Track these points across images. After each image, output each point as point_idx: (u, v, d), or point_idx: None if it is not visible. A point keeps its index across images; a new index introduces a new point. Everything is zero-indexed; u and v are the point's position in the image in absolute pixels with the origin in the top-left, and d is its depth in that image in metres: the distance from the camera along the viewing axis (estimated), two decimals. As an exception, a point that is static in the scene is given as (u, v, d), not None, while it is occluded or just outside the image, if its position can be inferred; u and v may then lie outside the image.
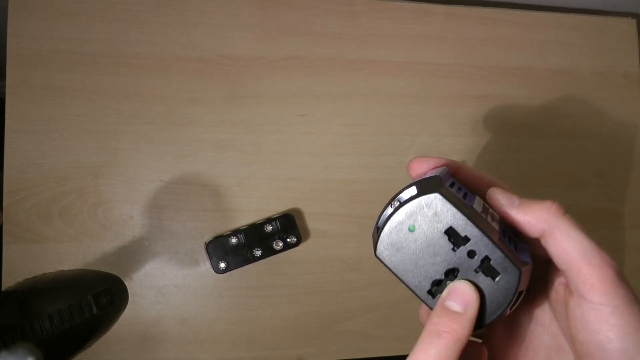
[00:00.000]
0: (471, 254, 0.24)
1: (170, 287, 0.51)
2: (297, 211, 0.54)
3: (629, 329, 0.22)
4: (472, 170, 0.31)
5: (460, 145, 0.58)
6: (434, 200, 0.25)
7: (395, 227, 0.25)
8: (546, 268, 0.27)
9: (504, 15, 0.62)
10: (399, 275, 0.26)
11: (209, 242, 0.49)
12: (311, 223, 0.54)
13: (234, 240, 0.49)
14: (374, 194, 0.56)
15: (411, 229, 0.25)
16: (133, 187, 0.51)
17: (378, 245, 0.26)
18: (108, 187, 0.50)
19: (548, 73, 0.62)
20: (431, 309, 0.25)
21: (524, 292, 0.25)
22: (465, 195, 0.27)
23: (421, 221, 0.25)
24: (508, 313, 0.25)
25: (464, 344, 0.23)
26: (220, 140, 0.53)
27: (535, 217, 0.25)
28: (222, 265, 0.49)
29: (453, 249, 0.25)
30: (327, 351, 0.53)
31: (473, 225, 0.24)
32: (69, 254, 0.49)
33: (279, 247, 0.50)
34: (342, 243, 0.54)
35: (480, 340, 0.30)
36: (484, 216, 0.26)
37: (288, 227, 0.50)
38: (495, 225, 0.26)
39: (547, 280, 0.27)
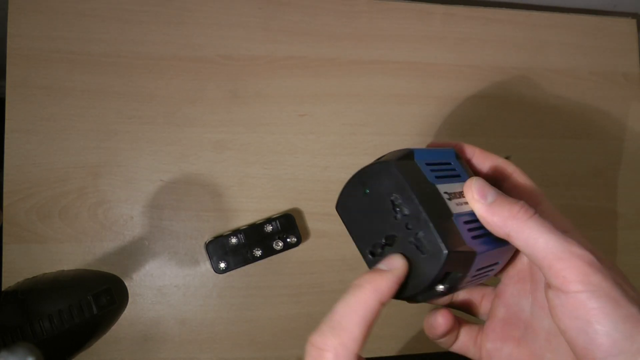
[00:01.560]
0: (408, 225, 0.25)
1: (170, 287, 0.51)
2: (297, 211, 0.54)
3: (609, 309, 0.22)
4: (487, 154, 0.31)
5: (460, 145, 0.58)
6: (387, 168, 0.26)
7: (353, 186, 0.27)
8: None
9: (504, 15, 0.62)
10: (349, 231, 0.27)
11: (209, 242, 0.49)
12: (311, 223, 0.54)
13: (234, 240, 0.49)
14: (374, 194, 0.55)
15: (366, 192, 0.27)
16: (133, 187, 0.51)
17: (338, 200, 0.28)
18: (108, 187, 0.50)
19: (548, 73, 0.62)
20: (369, 268, 0.27)
21: (465, 277, 0.26)
22: (452, 176, 0.28)
23: (374, 186, 0.26)
24: (442, 293, 0.26)
25: (384, 296, 0.24)
26: (220, 140, 0.53)
27: (500, 221, 0.26)
28: (222, 265, 0.49)
29: (395, 217, 0.26)
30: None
31: (415, 199, 0.25)
32: (69, 254, 0.49)
33: (279, 247, 0.50)
34: (342, 243, 0.54)
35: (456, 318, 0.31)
36: (447, 198, 0.26)
37: (288, 227, 0.50)
38: (461, 209, 0.26)
39: None
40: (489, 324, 0.31)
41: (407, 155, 0.27)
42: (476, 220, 0.27)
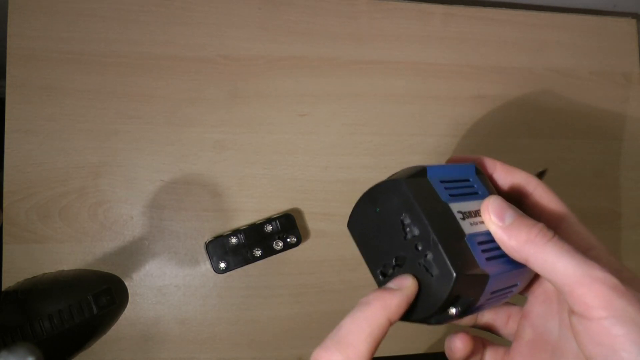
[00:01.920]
0: (418, 246, 0.25)
1: (170, 287, 0.51)
2: (297, 211, 0.54)
3: (634, 336, 0.21)
4: (509, 168, 0.30)
5: (460, 146, 0.58)
6: (396, 187, 0.25)
7: (364, 205, 0.26)
8: None
9: (504, 15, 0.62)
10: (360, 249, 0.27)
11: (209, 242, 0.49)
12: (311, 223, 0.54)
13: (234, 240, 0.49)
14: (374, 194, 0.55)
15: (377, 210, 0.26)
16: (133, 187, 0.51)
17: (350, 218, 0.27)
18: (108, 187, 0.50)
19: (548, 73, 0.62)
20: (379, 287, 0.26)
21: (478, 300, 0.25)
22: (469, 194, 0.27)
23: (384, 205, 0.26)
24: (455, 316, 0.25)
25: (393, 314, 0.23)
26: (220, 140, 0.53)
27: (518, 246, 0.25)
28: (222, 265, 0.49)
29: (405, 237, 0.25)
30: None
31: (424, 219, 0.24)
32: (69, 254, 0.49)
33: (279, 247, 0.50)
34: (342, 243, 0.54)
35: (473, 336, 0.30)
36: (461, 217, 0.26)
37: (288, 227, 0.50)
38: (476, 229, 0.26)
39: None
40: (516, 345, 0.30)
41: (419, 173, 0.26)
42: (493, 240, 0.26)
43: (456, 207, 0.26)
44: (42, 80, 0.50)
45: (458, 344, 0.29)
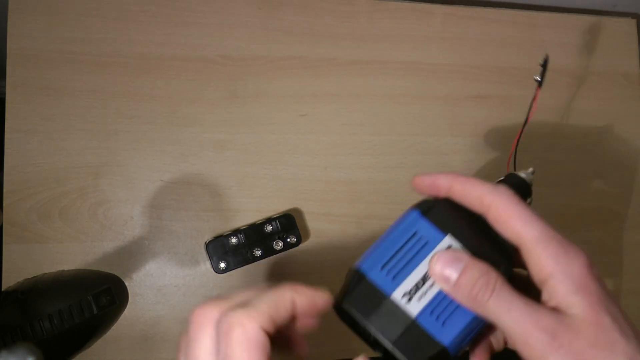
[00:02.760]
0: (382, 347, 0.27)
1: (170, 287, 0.51)
2: (297, 211, 0.54)
3: None
4: (464, 187, 0.29)
5: (460, 146, 0.58)
6: (342, 312, 0.28)
7: (338, 313, 0.29)
8: None
9: (504, 15, 0.62)
10: (356, 334, 0.29)
11: (209, 242, 0.49)
12: (311, 223, 0.54)
13: (234, 240, 0.49)
14: (374, 194, 0.55)
15: (345, 318, 0.29)
16: (133, 187, 0.51)
17: (338, 316, 0.30)
18: (108, 187, 0.50)
19: (548, 73, 0.62)
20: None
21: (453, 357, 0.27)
22: (415, 255, 0.28)
23: (344, 319, 0.29)
24: None
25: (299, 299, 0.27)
26: (220, 140, 0.53)
27: (464, 302, 0.26)
28: (222, 265, 0.49)
29: (373, 339, 0.27)
30: (326, 351, 0.53)
31: (372, 332, 0.26)
32: (69, 254, 0.49)
33: (279, 247, 0.50)
34: (342, 243, 0.54)
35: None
36: (407, 300, 0.27)
37: (288, 227, 0.50)
38: (425, 300, 0.27)
39: None
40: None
41: (356, 280, 0.28)
42: (431, 312, 0.27)
43: (401, 290, 0.27)
44: (42, 80, 0.50)
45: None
